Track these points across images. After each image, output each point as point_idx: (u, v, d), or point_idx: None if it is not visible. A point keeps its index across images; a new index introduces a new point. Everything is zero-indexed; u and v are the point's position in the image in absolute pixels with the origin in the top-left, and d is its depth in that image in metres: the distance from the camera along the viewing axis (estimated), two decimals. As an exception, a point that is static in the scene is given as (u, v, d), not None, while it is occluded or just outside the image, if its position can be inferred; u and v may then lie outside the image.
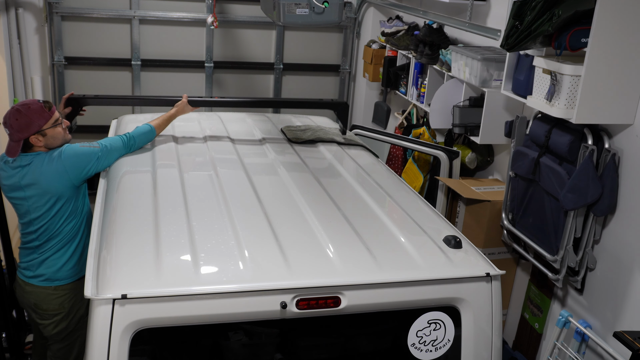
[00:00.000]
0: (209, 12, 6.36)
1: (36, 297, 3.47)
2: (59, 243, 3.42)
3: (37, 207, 3.35)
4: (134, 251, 2.51)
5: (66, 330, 3.56)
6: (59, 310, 3.49)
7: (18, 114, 3.27)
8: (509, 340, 4.39)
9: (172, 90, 6.65)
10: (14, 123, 3.26)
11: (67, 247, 3.45)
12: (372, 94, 6.73)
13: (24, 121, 3.25)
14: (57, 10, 6.09)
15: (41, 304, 3.47)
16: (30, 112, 3.27)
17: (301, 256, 2.55)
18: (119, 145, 3.50)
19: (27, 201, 3.35)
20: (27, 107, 3.30)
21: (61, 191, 3.33)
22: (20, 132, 3.26)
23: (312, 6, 3.85)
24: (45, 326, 3.53)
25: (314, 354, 2.63)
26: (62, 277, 3.46)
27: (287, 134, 4.19)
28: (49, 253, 3.43)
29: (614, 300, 3.38)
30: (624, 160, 3.26)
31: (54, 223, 3.38)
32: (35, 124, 3.27)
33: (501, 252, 4.24)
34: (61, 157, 3.30)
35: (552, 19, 3.02)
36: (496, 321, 2.65)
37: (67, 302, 3.50)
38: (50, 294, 3.46)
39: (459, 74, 4.39)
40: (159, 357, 2.49)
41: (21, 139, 3.27)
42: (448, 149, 4.60)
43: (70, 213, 3.41)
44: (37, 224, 3.38)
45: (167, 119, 3.89)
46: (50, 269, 3.44)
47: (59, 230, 3.40)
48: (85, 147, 3.37)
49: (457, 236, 2.80)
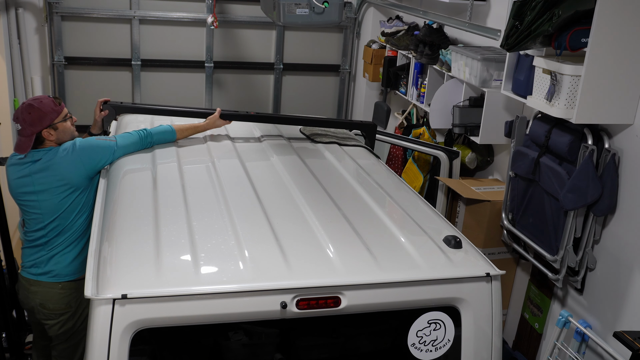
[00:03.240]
0: (209, 12, 6.36)
1: (42, 297, 3.46)
2: (69, 238, 3.42)
3: (48, 200, 3.33)
4: (134, 251, 2.50)
5: (72, 330, 3.56)
6: (65, 309, 3.49)
7: (30, 107, 3.31)
8: (509, 340, 4.40)
9: (172, 90, 6.65)
10: (27, 117, 3.28)
11: (77, 242, 3.44)
12: (372, 94, 6.73)
13: (37, 115, 3.29)
14: (57, 10, 6.09)
15: (47, 303, 3.46)
16: (42, 106, 3.32)
17: (301, 256, 2.55)
18: (135, 140, 3.50)
19: (38, 195, 3.33)
20: (39, 101, 3.35)
21: (76, 181, 3.33)
22: (32, 126, 3.28)
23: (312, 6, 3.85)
24: (51, 326, 3.53)
25: (314, 354, 2.63)
26: (71, 272, 3.45)
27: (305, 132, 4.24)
28: (59, 249, 3.42)
29: (614, 300, 3.38)
30: (624, 160, 3.26)
31: (65, 216, 3.37)
32: (48, 117, 3.31)
33: (501, 252, 4.24)
34: (75, 148, 3.32)
35: (552, 19, 3.02)
36: (496, 321, 2.64)
37: (74, 301, 3.50)
38: (58, 293, 3.45)
39: (459, 74, 4.39)
40: (159, 357, 2.49)
41: (34, 132, 3.29)
42: (448, 149, 4.60)
43: (83, 205, 3.40)
44: (47, 218, 3.36)
45: (194, 129, 3.83)
46: (60, 265, 3.43)
47: (71, 224, 3.39)
48: (102, 140, 3.40)
49: (457, 236, 2.80)
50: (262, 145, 3.99)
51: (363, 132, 4.37)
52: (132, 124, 4.11)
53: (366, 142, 4.32)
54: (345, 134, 4.38)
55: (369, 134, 4.34)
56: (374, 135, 4.37)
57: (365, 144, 4.29)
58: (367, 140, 4.33)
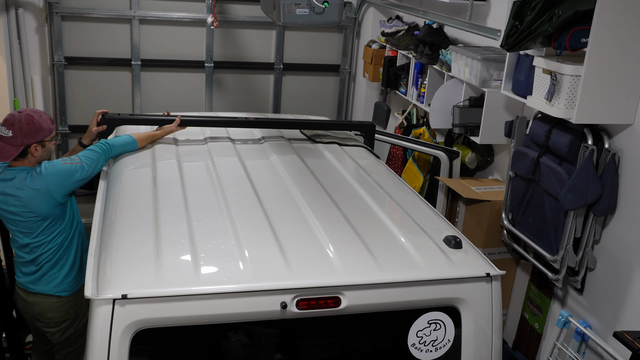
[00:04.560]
0: (209, 12, 6.36)
1: (40, 307, 3.45)
2: (52, 257, 3.37)
3: (22, 222, 3.29)
4: (134, 251, 2.50)
5: (75, 335, 3.55)
6: (65, 317, 3.48)
7: (30, 119, 3.24)
8: (509, 340, 4.39)
9: (172, 90, 6.65)
10: (24, 127, 3.22)
11: (62, 261, 3.41)
12: (372, 94, 6.73)
13: (35, 128, 3.24)
14: (57, 10, 6.09)
15: (46, 312, 3.45)
16: (41, 120, 3.28)
17: (301, 256, 2.55)
18: (99, 156, 3.42)
19: (13, 215, 3.30)
20: (39, 115, 3.30)
21: (45, 212, 3.28)
22: (26, 137, 3.23)
23: (312, 6, 3.84)
24: (53, 334, 3.52)
25: (314, 354, 2.63)
26: (66, 289, 3.45)
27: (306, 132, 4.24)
28: (45, 269, 3.38)
29: (614, 300, 3.38)
30: (624, 160, 3.26)
31: (41, 240, 3.32)
32: (42, 133, 3.27)
33: (501, 252, 4.24)
34: (41, 175, 3.23)
35: (552, 19, 3.02)
36: (496, 321, 2.65)
37: (72, 308, 3.49)
38: (55, 302, 3.44)
39: (459, 74, 4.39)
40: (159, 357, 2.49)
41: (24, 144, 3.23)
42: (448, 149, 4.60)
43: (57, 229, 3.35)
44: (25, 239, 3.33)
45: (152, 137, 3.79)
46: (51, 284, 3.41)
47: (49, 246, 3.35)
48: (67, 164, 3.29)
49: (457, 236, 2.80)
50: (262, 146, 3.99)
51: (362, 132, 4.37)
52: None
53: (365, 142, 4.32)
54: (346, 134, 4.38)
55: (368, 135, 4.34)
56: (372, 135, 4.37)
57: (364, 144, 4.29)
58: (366, 141, 4.33)
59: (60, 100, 6.34)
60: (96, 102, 6.44)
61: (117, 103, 6.47)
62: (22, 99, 5.89)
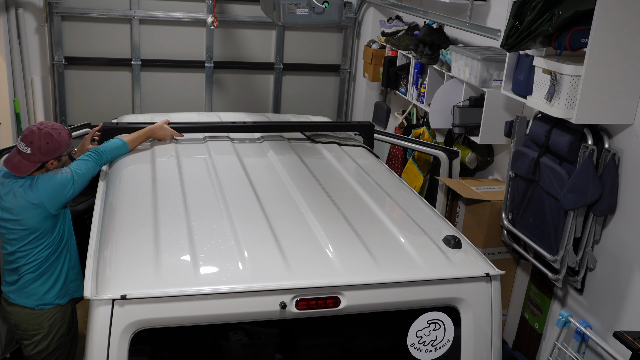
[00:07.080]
0: (209, 12, 6.36)
1: (15, 317, 3.40)
2: (35, 270, 3.31)
3: (10, 230, 3.26)
4: (133, 251, 2.50)
5: (46, 351, 3.44)
6: (37, 330, 3.39)
7: (50, 137, 3.20)
8: (509, 340, 4.39)
9: (172, 90, 6.65)
10: (43, 145, 3.17)
11: (46, 276, 3.34)
12: (372, 94, 6.73)
13: (53, 146, 3.21)
14: (57, 10, 6.09)
15: (20, 324, 3.40)
16: (60, 138, 3.24)
17: (301, 256, 2.55)
18: (90, 165, 3.37)
19: (5, 222, 3.27)
20: (58, 133, 3.25)
21: (35, 225, 3.23)
22: (45, 155, 3.19)
23: (312, 6, 3.84)
24: (26, 346, 3.44)
25: (313, 354, 2.62)
26: (47, 302, 3.38)
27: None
28: (26, 281, 3.32)
29: (614, 300, 3.38)
30: (624, 160, 3.25)
31: (26, 250, 3.28)
32: (60, 150, 3.25)
33: (501, 252, 4.24)
34: (33, 188, 3.19)
35: (552, 19, 3.02)
36: (496, 321, 2.64)
37: (46, 322, 3.39)
38: (29, 314, 3.37)
39: (459, 74, 4.39)
40: (159, 357, 2.49)
41: (42, 161, 3.20)
42: (448, 149, 4.60)
43: (44, 243, 3.30)
44: (11, 246, 3.30)
45: (143, 137, 3.76)
46: (31, 298, 3.34)
47: (33, 258, 3.30)
48: (58, 176, 3.24)
49: (456, 236, 2.80)
50: (262, 145, 3.99)
51: (360, 133, 4.37)
52: None
53: (364, 143, 4.32)
54: (345, 134, 4.38)
55: (367, 135, 4.34)
56: (371, 135, 4.37)
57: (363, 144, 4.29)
58: (366, 141, 4.32)
59: (60, 100, 6.35)
60: (96, 102, 6.46)
61: (117, 103, 6.48)
62: (22, 99, 5.89)
